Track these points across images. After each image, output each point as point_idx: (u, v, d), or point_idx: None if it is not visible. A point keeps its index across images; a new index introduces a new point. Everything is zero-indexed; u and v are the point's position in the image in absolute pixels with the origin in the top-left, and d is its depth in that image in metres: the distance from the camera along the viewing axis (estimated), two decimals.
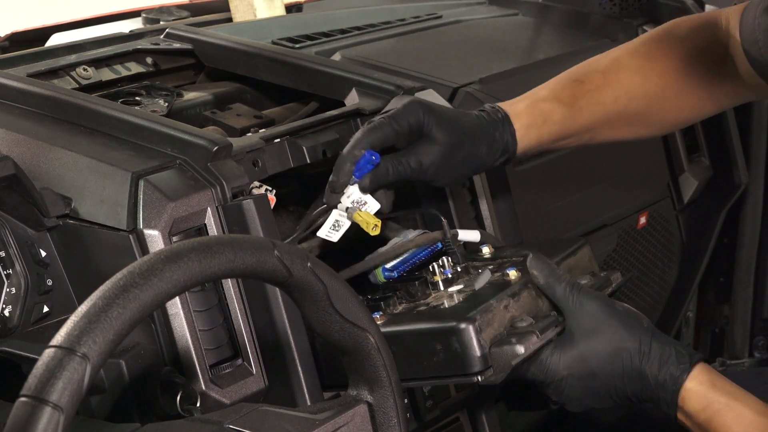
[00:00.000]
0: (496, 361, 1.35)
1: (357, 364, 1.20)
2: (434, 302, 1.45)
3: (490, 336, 1.36)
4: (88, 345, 0.93)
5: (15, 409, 0.92)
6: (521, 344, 1.35)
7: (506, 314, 1.40)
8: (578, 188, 2.05)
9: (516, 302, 1.41)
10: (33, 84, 1.59)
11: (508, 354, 1.35)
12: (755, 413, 1.34)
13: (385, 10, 2.26)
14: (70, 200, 1.40)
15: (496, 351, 1.35)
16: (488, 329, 1.36)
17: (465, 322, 1.35)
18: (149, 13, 2.28)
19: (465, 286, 1.48)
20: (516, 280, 1.45)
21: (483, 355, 1.34)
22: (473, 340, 1.34)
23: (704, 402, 1.35)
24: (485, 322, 1.36)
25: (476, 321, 1.35)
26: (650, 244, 2.28)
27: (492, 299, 1.40)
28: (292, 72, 1.78)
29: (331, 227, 1.49)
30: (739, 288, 2.60)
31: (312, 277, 1.12)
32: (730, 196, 2.42)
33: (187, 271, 1.01)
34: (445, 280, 1.49)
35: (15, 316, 1.36)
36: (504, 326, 1.39)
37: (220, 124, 1.70)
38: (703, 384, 1.36)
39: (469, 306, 1.40)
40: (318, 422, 1.14)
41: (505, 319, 1.39)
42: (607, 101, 1.65)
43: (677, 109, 1.72)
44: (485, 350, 1.34)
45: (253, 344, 1.40)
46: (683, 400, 1.36)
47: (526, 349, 1.35)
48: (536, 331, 1.37)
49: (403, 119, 1.48)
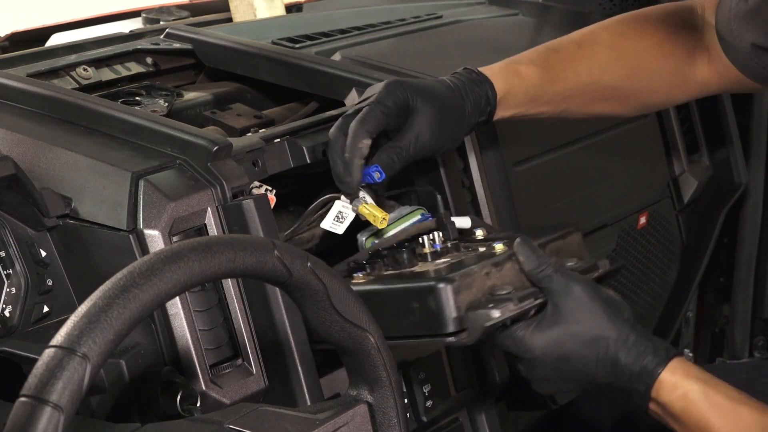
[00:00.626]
0: (470, 323, 1.35)
1: (357, 364, 1.20)
2: (419, 270, 1.45)
3: (467, 299, 1.36)
4: (88, 345, 0.93)
5: (15, 409, 0.92)
6: (497, 309, 1.34)
7: (487, 281, 1.39)
8: (578, 188, 2.05)
9: (498, 271, 1.40)
10: (33, 84, 1.59)
11: (482, 317, 1.34)
12: (731, 401, 1.34)
13: (385, 10, 2.26)
14: (70, 200, 1.40)
15: (471, 314, 1.35)
16: (466, 292, 1.36)
17: (443, 282, 1.35)
18: (149, 13, 2.28)
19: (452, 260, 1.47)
20: (501, 252, 1.45)
21: (459, 316, 1.34)
22: (450, 299, 1.34)
23: (679, 391, 1.35)
24: (464, 285, 1.36)
25: (455, 282, 1.35)
26: (650, 244, 2.28)
27: (474, 265, 1.40)
28: (292, 72, 1.78)
29: (335, 219, 1.49)
30: (739, 288, 2.60)
31: (312, 277, 1.12)
32: (730, 196, 2.43)
33: (187, 271, 1.01)
34: (433, 253, 1.49)
35: (15, 316, 1.36)
36: (483, 293, 1.38)
37: (220, 124, 1.70)
38: (677, 374, 1.35)
39: (450, 270, 1.39)
40: (318, 422, 1.14)
41: (485, 286, 1.39)
42: (582, 72, 1.66)
43: (650, 91, 1.73)
44: (461, 312, 1.35)
45: (253, 344, 1.40)
46: (657, 391, 1.35)
47: (501, 314, 1.34)
48: (514, 299, 1.36)
49: (388, 100, 1.48)
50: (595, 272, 1.50)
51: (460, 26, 2.18)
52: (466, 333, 1.35)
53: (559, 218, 1.99)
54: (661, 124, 2.28)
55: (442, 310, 1.34)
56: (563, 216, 2.00)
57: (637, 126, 2.20)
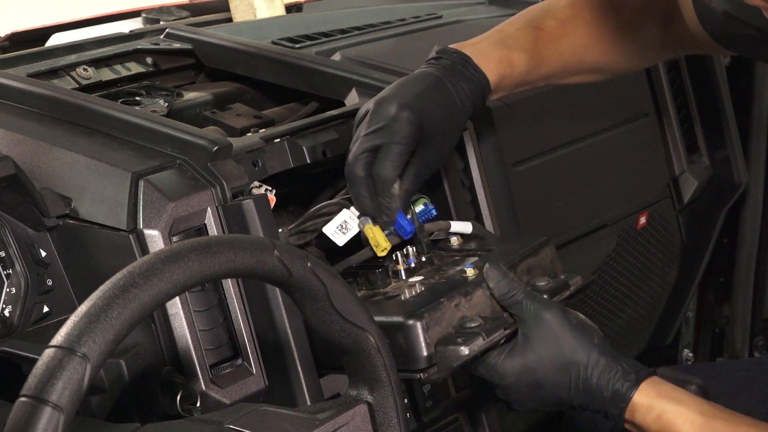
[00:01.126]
0: (440, 359, 1.36)
1: (357, 364, 1.20)
2: (393, 292, 1.45)
3: (437, 334, 1.37)
4: (88, 345, 0.93)
5: (15, 409, 0.92)
6: (466, 345, 1.35)
7: (456, 313, 1.40)
8: (578, 188, 2.05)
9: (468, 301, 1.41)
10: (33, 84, 1.59)
11: (452, 354, 1.35)
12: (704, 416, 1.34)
13: (385, 10, 2.26)
14: (70, 200, 1.39)
15: (441, 350, 1.36)
16: (436, 327, 1.37)
17: (412, 319, 1.35)
18: (149, 13, 2.28)
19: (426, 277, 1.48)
20: (472, 278, 1.45)
21: (428, 354, 1.35)
22: (419, 337, 1.35)
23: (653, 413, 1.35)
24: (433, 320, 1.36)
25: (424, 318, 1.35)
26: (650, 244, 2.28)
27: (443, 297, 1.40)
28: (292, 72, 1.78)
29: (338, 227, 1.49)
30: (739, 288, 2.60)
31: (312, 277, 1.12)
32: (730, 196, 2.43)
33: (187, 271, 1.01)
34: (407, 270, 1.49)
35: (15, 316, 1.36)
36: (453, 325, 1.39)
37: (220, 124, 1.70)
38: (650, 395, 1.36)
39: (420, 301, 1.40)
40: (318, 422, 1.14)
41: (454, 318, 1.40)
42: (565, 51, 1.68)
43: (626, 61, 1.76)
44: (431, 349, 1.35)
45: (253, 344, 1.40)
46: (631, 413, 1.36)
47: (470, 351, 1.36)
48: (483, 333, 1.37)
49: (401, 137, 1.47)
50: (567, 290, 1.51)
51: (460, 26, 2.18)
52: (435, 369, 1.36)
53: (559, 218, 1.99)
54: (661, 124, 2.28)
55: (412, 347, 1.35)
56: (563, 216, 2.00)
57: (637, 126, 2.20)
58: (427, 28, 2.14)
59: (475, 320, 1.40)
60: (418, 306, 1.38)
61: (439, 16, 2.21)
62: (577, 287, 1.52)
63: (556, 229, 1.96)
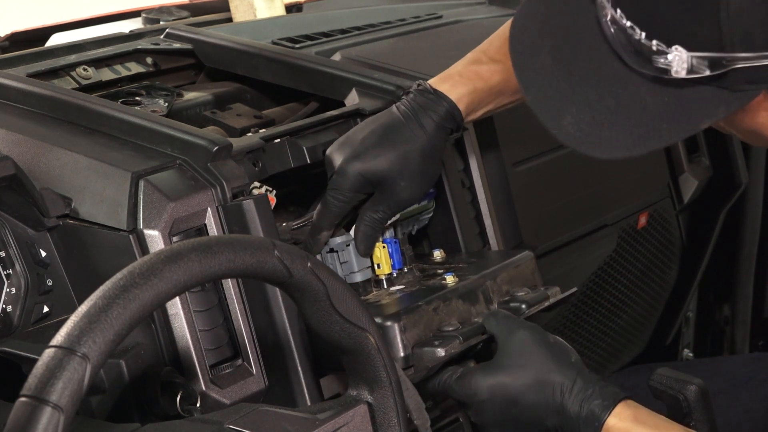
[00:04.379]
0: (417, 361, 1.37)
1: (357, 364, 1.20)
2: (373, 299, 1.47)
3: (414, 337, 1.38)
4: (88, 345, 0.93)
5: (15, 409, 0.92)
6: (443, 347, 1.37)
7: (435, 317, 1.41)
8: (578, 188, 2.05)
9: (446, 306, 1.43)
10: (33, 84, 1.59)
11: (428, 355, 1.37)
12: None
13: (385, 10, 2.26)
14: (70, 200, 1.39)
15: (417, 351, 1.37)
16: (413, 330, 1.38)
17: (390, 321, 1.37)
18: (149, 13, 2.28)
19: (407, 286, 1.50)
20: (452, 285, 1.47)
21: (405, 355, 1.37)
22: (396, 338, 1.37)
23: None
24: (411, 323, 1.38)
25: (401, 320, 1.37)
26: (650, 244, 2.28)
27: (421, 301, 1.41)
28: (292, 72, 1.78)
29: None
30: (739, 288, 2.60)
31: (312, 278, 1.12)
32: (730, 196, 2.43)
33: (187, 271, 1.01)
34: (388, 279, 1.51)
35: (15, 316, 1.36)
36: (431, 329, 1.40)
37: (220, 124, 1.70)
38: (626, 420, 1.34)
39: (398, 305, 1.41)
40: (318, 422, 1.15)
41: (433, 322, 1.41)
42: None
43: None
44: (408, 351, 1.37)
45: (253, 344, 1.40)
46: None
47: (446, 353, 1.37)
48: (459, 336, 1.38)
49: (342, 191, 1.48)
50: (545, 302, 1.51)
51: (460, 26, 2.18)
52: (412, 370, 1.37)
53: (559, 218, 1.99)
54: None
55: (390, 348, 1.36)
56: (563, 216, 2.00)
57: None
58: (427, 28, 2.14)
59: (453, 324, 1.41)
60: (396, 308, 1.40)
61: (439, 16, 2.21)
62: (557, 299, 1.52)
63: (556, 229, 1.96)
